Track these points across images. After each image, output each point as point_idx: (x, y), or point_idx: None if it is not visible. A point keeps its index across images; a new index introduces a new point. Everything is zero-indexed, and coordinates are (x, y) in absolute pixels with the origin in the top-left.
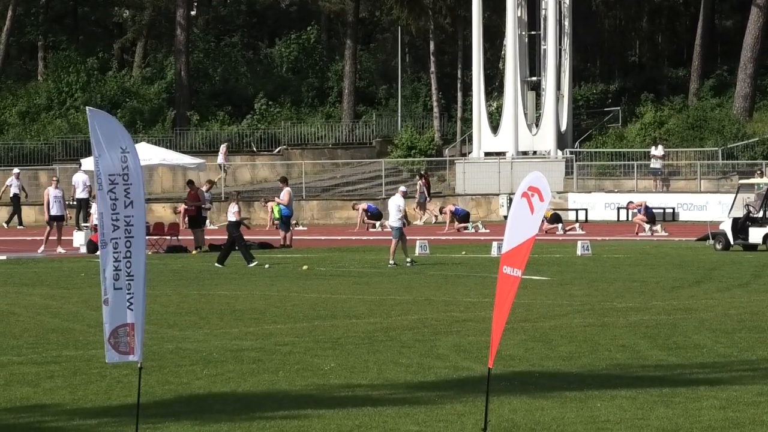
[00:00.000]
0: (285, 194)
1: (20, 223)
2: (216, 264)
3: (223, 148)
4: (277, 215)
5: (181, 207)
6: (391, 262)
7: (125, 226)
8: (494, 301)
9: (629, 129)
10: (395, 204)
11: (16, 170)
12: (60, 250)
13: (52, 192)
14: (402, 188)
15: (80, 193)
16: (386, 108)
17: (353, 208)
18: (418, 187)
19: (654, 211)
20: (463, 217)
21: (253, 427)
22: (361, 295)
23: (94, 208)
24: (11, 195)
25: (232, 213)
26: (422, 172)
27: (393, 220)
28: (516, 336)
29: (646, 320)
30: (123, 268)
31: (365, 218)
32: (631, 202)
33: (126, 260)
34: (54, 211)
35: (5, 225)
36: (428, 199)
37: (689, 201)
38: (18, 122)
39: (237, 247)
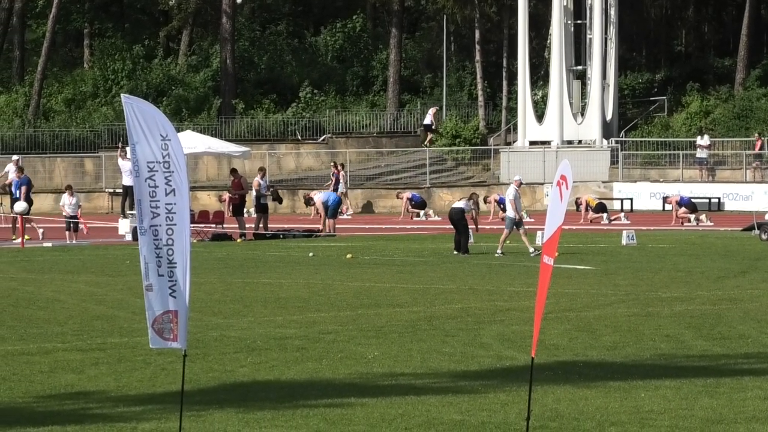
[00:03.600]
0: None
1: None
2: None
3: (432, 110)
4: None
5: (226, 195)
6: (499, 251)
7: (166, 213)
8: (536, 290)
9: (675, 118)
10: (510, 195)
11: (15, 157)
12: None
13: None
14: (517, 177)
15: (125, 180)
16: (431, 97)
17: (397, 197)
18: (333, 177)
19: (697, 200)
20: (419, 204)
21: (296, 415)
22: (405, 284)
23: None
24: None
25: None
26: (335, 162)
27: (509, 210)
28: (560, 325)
29: (690, 310)
30: (165, 255)
31: (409, 207)
32: (667, 197)
33: (168, 247)
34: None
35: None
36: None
37: (735, 191)
38: (64, 109)
39: None
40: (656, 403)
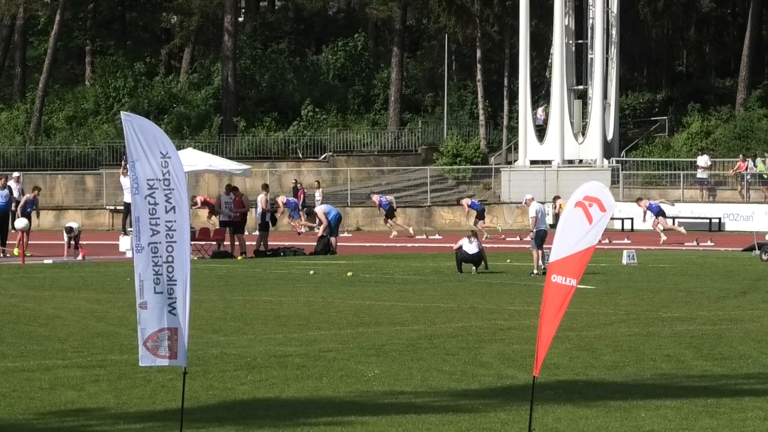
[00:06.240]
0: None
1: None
2: None
3: (542, 108)
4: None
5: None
6: (535, 271)
7: (166, 230)
8: (540, 309)
9: (676, 138)
10: (532, 211)
11: (15, 174)
12: None
13: None
14: (529, 196)
15: (127, 198)
16: (432, 115)
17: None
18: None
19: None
20: (388, 211)
21: None
22: (406, 302)
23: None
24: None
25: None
26: (294, 181)
27: (533, 226)
28: (561, 345)
29: (691, 330)
30: (164, 273)
31: (382, 212)
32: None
33: (167, 264)
34: None
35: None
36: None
37: (735, 211)
38: (65, 127)
39: None
40: (657, 423)
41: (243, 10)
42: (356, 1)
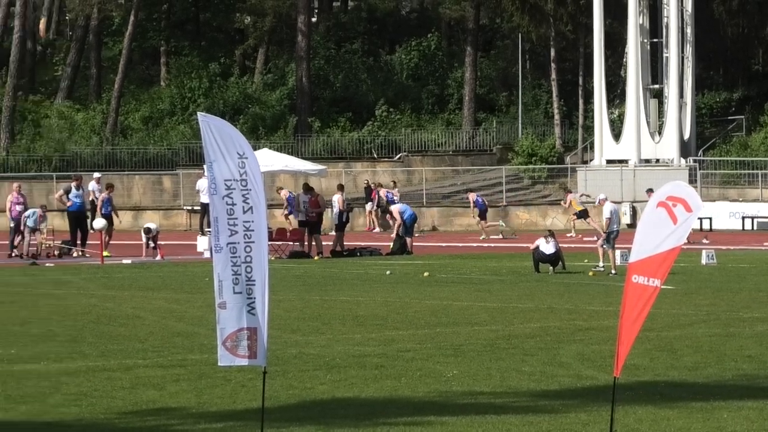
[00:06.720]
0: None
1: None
2: None
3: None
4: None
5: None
6: (613, 271)
7: (244, 231)
8: (620, 309)
9: (753, 138)
10: (607, 212)
11: (97, 174)
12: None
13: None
14: (603, 196)
15: (204, 198)
16: (507, 115)
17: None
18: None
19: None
20: (481, 212)
21: None
22: (483, 302)
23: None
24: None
25: None
26: (367, 182)
27: (606, 226)
28: (640, 345)
29: None
30: (243, 273)
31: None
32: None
33: (246, 265)
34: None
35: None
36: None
37: None
38: (141, 127)
39: None
40: (739, 423)
41: (316, 11)
42: (429, 1)
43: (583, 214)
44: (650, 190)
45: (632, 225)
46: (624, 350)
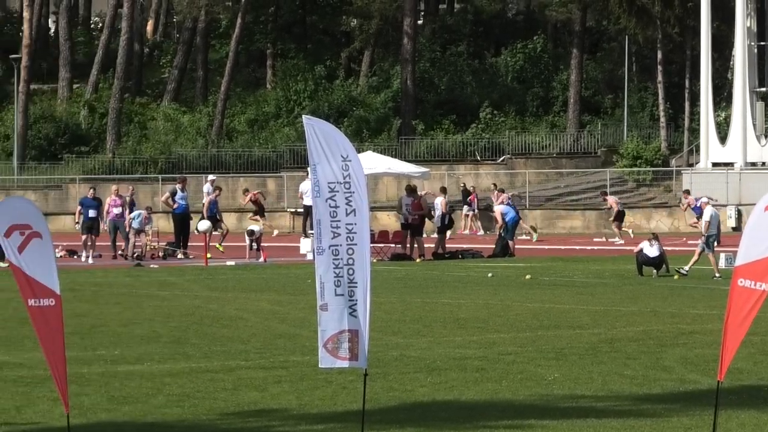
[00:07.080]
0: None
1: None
2: None
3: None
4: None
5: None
6: (717, 275)
7: (347, 233)
8: (725, 313)
9: None
10: (707, 216)
11: (211, 177)
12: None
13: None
14: (705, 198)
15: (307, 200)
16: (612, 117)
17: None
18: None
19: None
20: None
21: None
22: (585, 305)
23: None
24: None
25: None
26: (464, 185)
27: (704, 230)
28: (744, 349)
29: None
30: (345, 275)
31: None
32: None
33: (348, 267)
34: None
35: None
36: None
37: None
38: (247, 130)
39: None
40: None
41: (422, 13)
42: (535, 3)
43: (619, 217)
44: (686, 192)
45: (737, 228)
46: (729, 354)
